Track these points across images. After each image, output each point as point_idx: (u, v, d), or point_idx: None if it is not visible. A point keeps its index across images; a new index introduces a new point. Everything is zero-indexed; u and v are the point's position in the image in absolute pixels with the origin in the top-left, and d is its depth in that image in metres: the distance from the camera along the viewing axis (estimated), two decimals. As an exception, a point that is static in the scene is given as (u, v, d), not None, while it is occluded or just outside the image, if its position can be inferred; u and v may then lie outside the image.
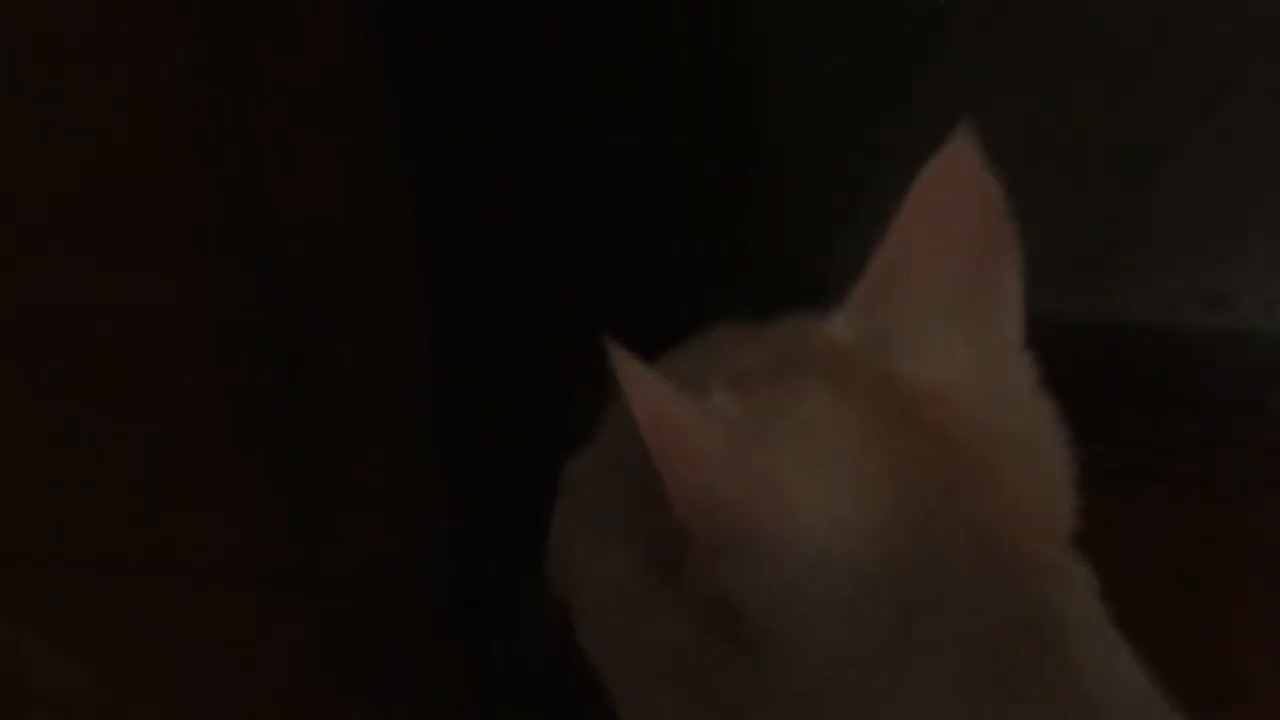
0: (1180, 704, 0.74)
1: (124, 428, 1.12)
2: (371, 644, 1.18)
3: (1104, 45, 1.41)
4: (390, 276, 1.17)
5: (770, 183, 1.28)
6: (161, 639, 1.11)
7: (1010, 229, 0.78)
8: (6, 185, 1.19)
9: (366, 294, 1.16)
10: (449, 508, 1.23)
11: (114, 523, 1.09)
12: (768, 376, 0.76)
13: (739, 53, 1.26)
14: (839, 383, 0.75)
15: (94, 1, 1.13)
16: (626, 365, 0.67)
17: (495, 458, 1.24)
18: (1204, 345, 1.52)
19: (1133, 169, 1.48)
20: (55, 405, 1.17)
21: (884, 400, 0.75)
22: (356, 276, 1.16)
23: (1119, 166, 1.48)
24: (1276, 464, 1.47)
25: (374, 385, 1.18)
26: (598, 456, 0.81)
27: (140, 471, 1.11)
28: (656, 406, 0.68)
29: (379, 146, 1.17)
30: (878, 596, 0.71)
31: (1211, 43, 1.41)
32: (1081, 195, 1.47)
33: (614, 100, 1.23)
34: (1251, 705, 1.27)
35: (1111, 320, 1.53)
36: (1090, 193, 1.48)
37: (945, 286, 0.78)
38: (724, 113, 1.27)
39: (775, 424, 0.73)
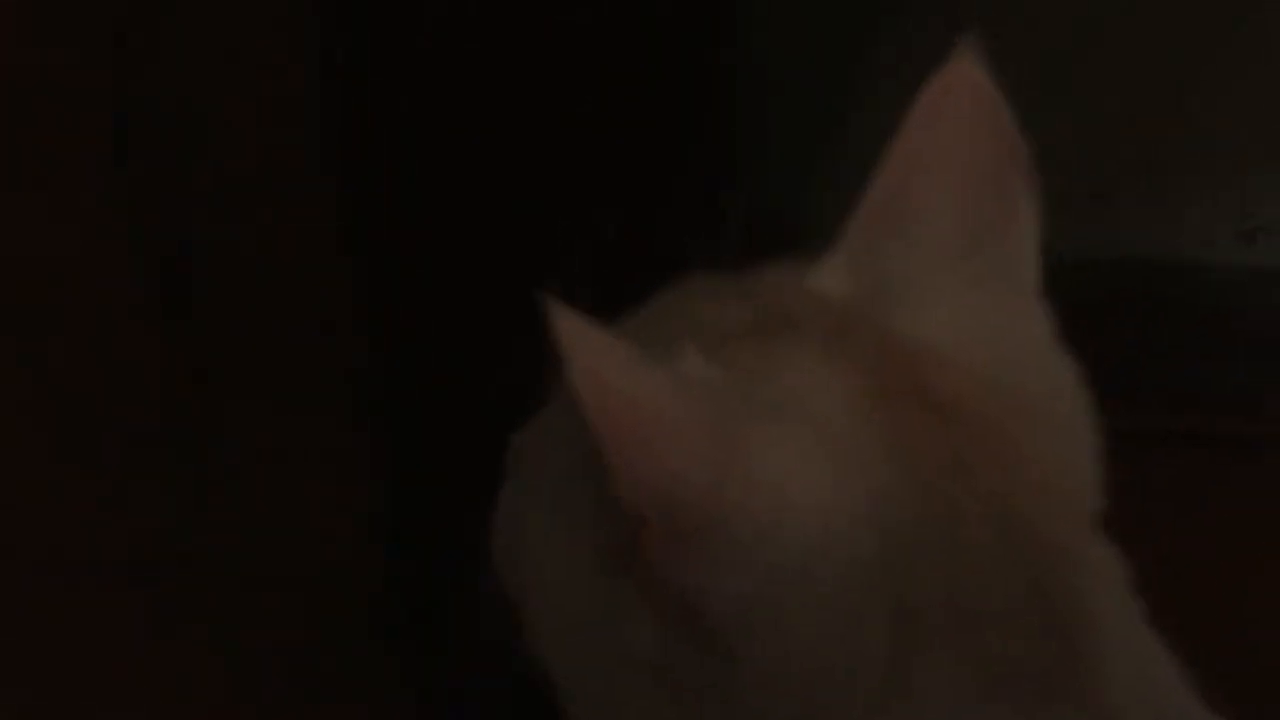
0: (1219, 705, 0.72)
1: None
2: (292, 648, 1.13)
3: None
4: (306, 224, 1.11)
5: (746, 112, 1.24)
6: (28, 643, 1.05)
7: (1023, 156, 0.75)
8: None
9: (282, 246, 1.10)
10: (378, 488, 1.18)
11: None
12: (747, 339, 0.73)
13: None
14: (830, 344, 0.72)
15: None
16: (567, 324, 0.63)
17: (431, 429, 1.21)
18: (1238, 284, 1.48)
19: (1157, 86, 1.46)
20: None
21: (882, 364, 0.72)
22: (271, 232, 1.10)
23: (1141, 84, 1.46)
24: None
25: (292, 347, 1.12)
26: (548, 428, 0.78)
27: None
28: (603, 371, 0.63)
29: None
30: (876, 594, 0.67)
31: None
32: (1099, 116, 1.45)
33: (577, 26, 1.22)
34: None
35: (1131, 257, 1.49)
36: (1109, 114, 1.46)
37: (950, 226, 0.75)
38: (693, 29, 1.23)
39: (755, 395, 0.69)
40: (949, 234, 0.75)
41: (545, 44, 1.24)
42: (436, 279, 1.21)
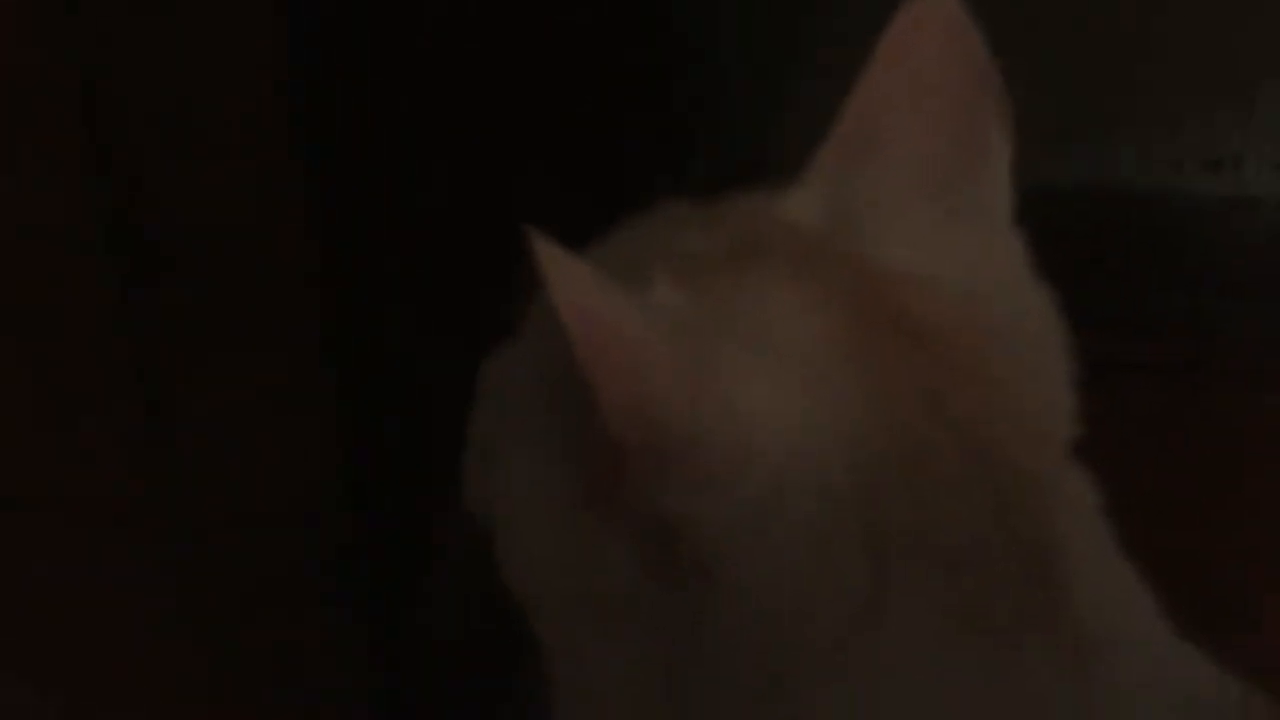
0: (1190, 633, 0.72)
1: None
2: (249, 603, 1.13)
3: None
4: (264, 160, 1.11)
5: (705, 57, 1.24)
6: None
7: (997, 83, 0.75)
8: None
9: (240, 190, 1.10)
10: (339, 425, 1.19)
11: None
12: (719, 266, 0.73)
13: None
14: (802, 271, 0.72)
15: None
16: (549, 254, 0.63)
17: (395, 358, 1.21)
18: (1205, 213, 1.49)
19: (1124, 13, 1.45)
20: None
21: (855, 291, 0.72)
22: (228, 172, 1.10)
23: (1107, 10, 1.45)
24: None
25: (248, 289, 1.12)
26: (522, 355, 0.78)
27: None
28: (585, 301, 0.64)
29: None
30: (848, 522, 0.67)
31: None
32: (1066, 44, 1.44)
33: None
34: (1254, 636, 1.24)
35: (1098, 185, 1.49)
36: (1076, 41, 1.45)
37: (923, 155, 0.75)
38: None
39: (728, 322, 0.70)
40: (921, 165, 0.75)
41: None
42: (403, 230, 1.21)
